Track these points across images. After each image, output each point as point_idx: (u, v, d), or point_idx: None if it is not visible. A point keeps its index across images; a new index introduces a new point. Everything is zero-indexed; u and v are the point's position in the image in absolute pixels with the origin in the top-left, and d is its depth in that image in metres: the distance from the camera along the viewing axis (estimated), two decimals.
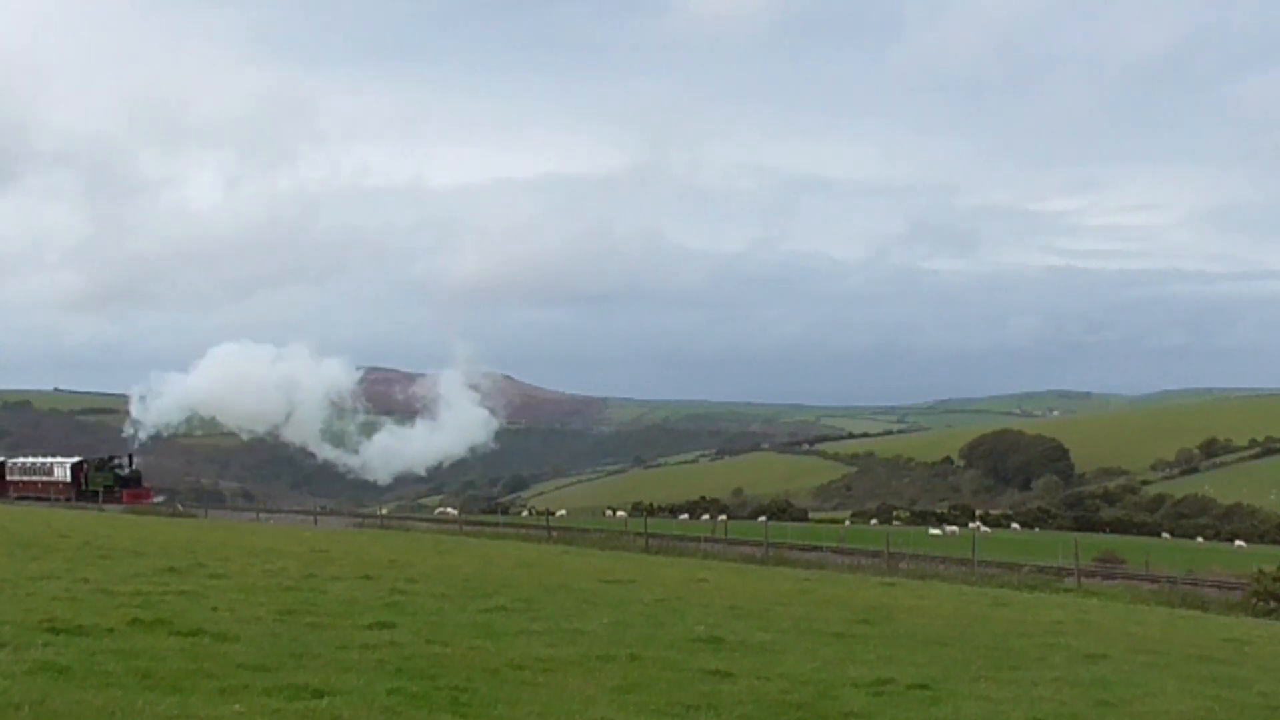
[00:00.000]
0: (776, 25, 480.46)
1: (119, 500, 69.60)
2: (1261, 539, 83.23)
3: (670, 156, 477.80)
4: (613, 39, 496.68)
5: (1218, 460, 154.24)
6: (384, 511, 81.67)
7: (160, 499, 77.80)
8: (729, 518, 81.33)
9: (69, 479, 77.00)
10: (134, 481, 76.65)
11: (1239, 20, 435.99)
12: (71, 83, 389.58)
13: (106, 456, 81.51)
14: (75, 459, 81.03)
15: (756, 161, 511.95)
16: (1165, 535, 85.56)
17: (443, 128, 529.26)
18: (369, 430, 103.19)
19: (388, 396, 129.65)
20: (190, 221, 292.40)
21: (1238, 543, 76.40)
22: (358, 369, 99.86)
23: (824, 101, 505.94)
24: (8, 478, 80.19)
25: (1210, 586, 36.99)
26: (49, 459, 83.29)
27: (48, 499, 71.30)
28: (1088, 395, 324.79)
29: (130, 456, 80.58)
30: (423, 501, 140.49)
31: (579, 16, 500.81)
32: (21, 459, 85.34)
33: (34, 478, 79.16)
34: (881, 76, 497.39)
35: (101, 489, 73.15)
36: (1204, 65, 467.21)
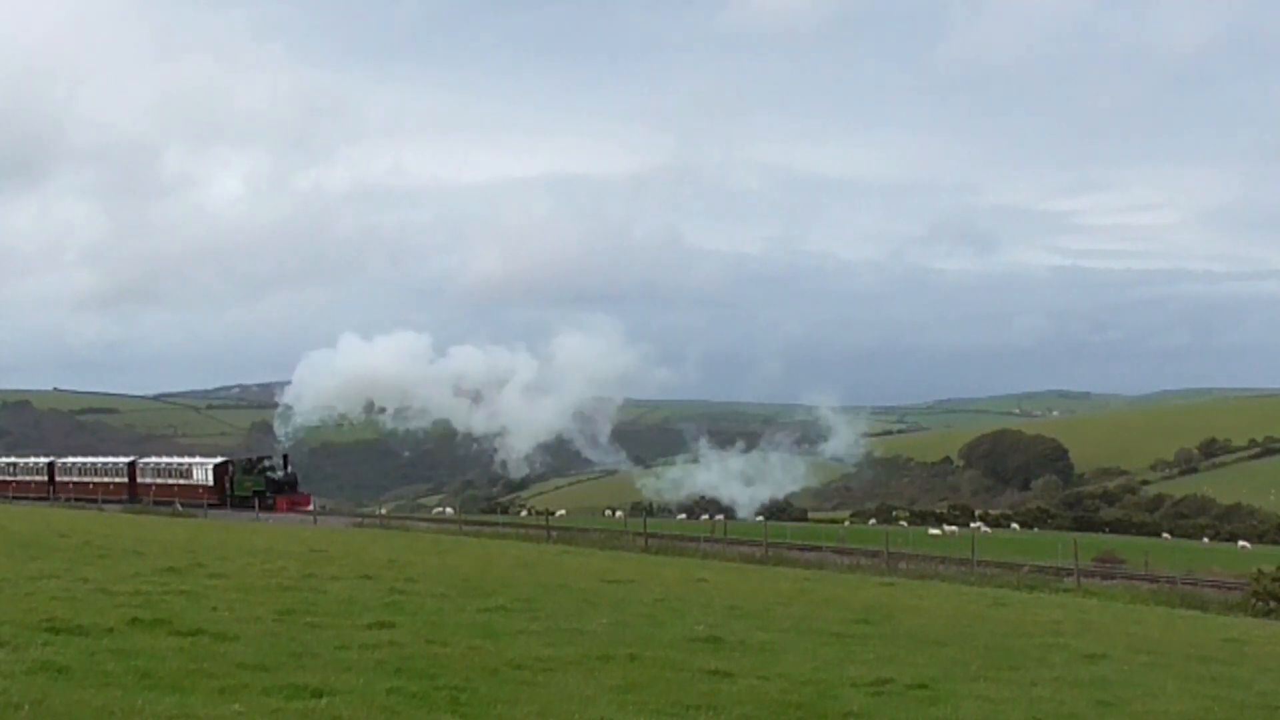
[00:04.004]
0: (828, 23, 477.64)
1: (272, 508, 61.67)
2: (1261, 539, 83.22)
3: (700, 157, 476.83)
4: (663, 35, 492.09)
5: (1217, 460, 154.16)
6: (383, 511, 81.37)
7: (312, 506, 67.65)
8: (728, 518, 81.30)
9: (211, 482, 68.77)
10: (290, 486, 67.31)
11: (1252, 21, 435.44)
12: (105, 80, 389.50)
13: (255, 457, 72.35)
14: (219, 459, 72.86)
15: (784, 163, 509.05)
16: (1165, 535, 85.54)
17: (477, 126, 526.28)
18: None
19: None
20: (211, 221, 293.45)
21: (1241, 543, 76.33)
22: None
23: (858, 102, 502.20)
24: (138, 480, 72.45)
25: (1209, 586, 37.01)
26: (187, 459, 74.96)
27: (185, 504, 62.07)
28: (1087, 395, 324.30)
29: (285, 458, 69.67)
30: (422, 501, 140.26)
31: (633, 11, 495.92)
32: (154, 459, 76.82)
33: (169, 480, 70.68)
34: (919, 77, 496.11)
35: (252, 494, 64.90)
36: (1213, 65, 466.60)
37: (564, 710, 8.48)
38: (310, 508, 65.28)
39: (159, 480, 71.31)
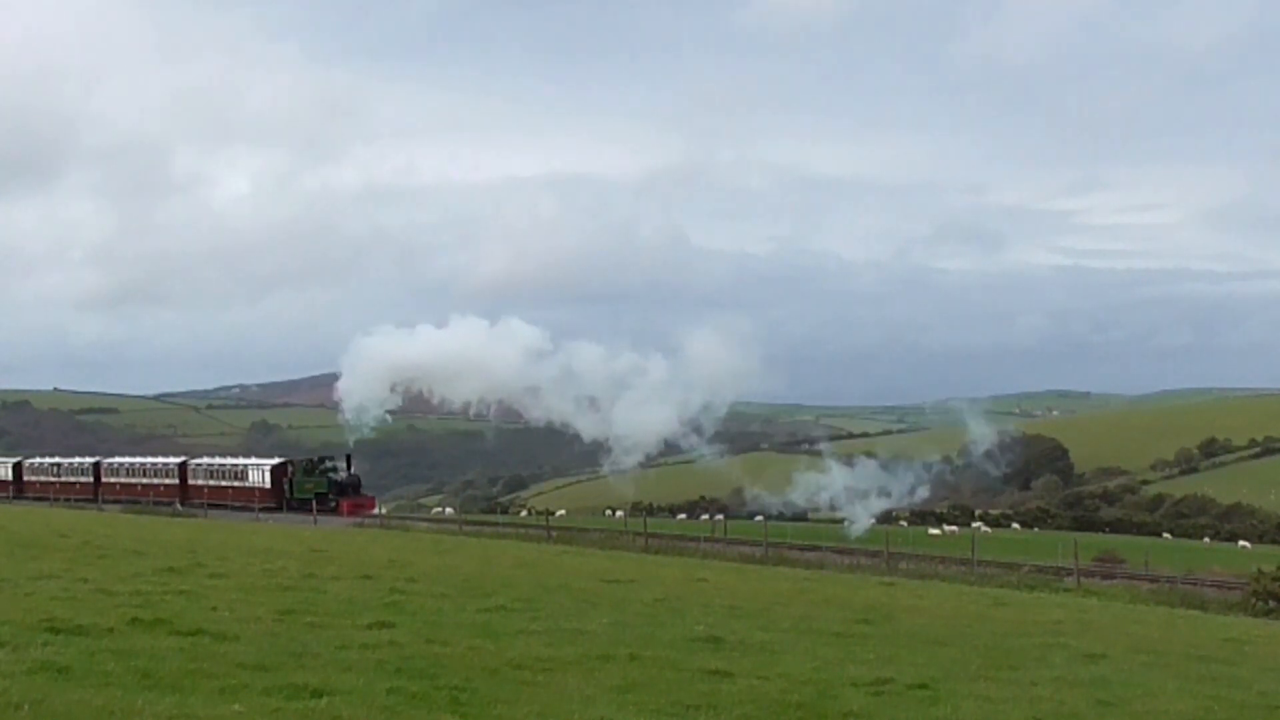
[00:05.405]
0: (843, 22, 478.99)
1: (335, 511, 59.13)
2: (1261, 539, 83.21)
3: (709, 157, 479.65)
4: (675, 35, 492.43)
5: (1217, 460, 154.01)
6: (383, 511, 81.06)
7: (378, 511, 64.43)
8: (728, 517, 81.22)
9: (268, 485, 65.33)
10: (353, 488, 63.65)
11: (1259, 22, 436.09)
12: (116, 80, 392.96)
13: (316, 458, 68.56)
14: (276, 460, 69.29)
15: (793, 163, 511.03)
16: (1165, 535, 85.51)
17: (487, 125, 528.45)
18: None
19: None
20: (219, 220, 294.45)
21: (1241, 543, 76.32)
22: None
23: (869, 101, 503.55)
24: (189, 481, 69.38)
25: (1210, 586, 37.01)
26: (243, 460, 71.85)
27: (241, 508, 59.35)
28: (1087, 395, 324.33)
29: (348, 458, 65.40)
30: (422, 501, 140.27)
31: (647, 10, 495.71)
32: (207, 460, 73.67)
33: (223, 483, 67.59)
34: (930, 77, 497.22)
35: (313, 497, 61.52)
36: (1218, 66, 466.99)
37: (564, 710, 8.48)
38: (376, 510, 63.09)
39: (211, 482, 68.34)
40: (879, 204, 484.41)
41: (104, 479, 73.42)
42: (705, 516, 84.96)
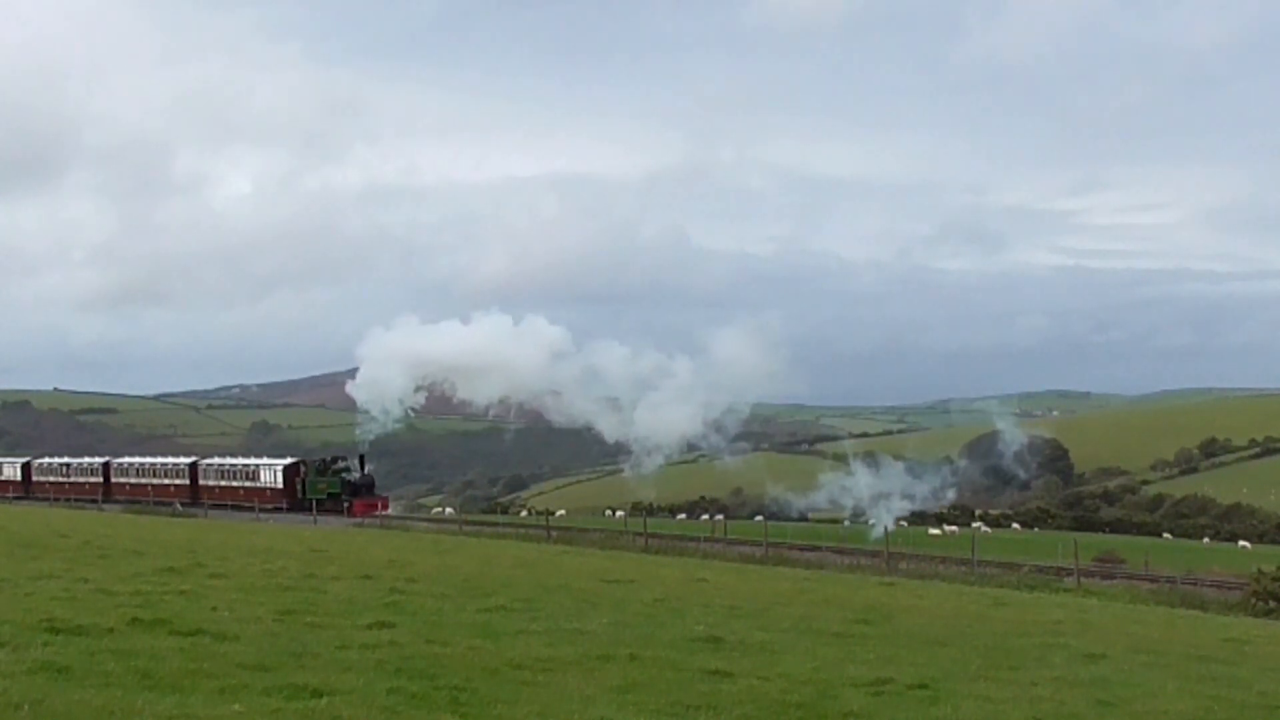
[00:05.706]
0: (848, 22, 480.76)
1: (347, 512, 59.31)
2: (1261, 539, 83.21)
3: (711, 157, 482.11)
4: (679, 34, 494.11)
5: (1217, 460, 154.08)
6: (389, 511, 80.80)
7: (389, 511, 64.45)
8: (728, 518, 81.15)
9: (280, 485, 65.37)
10: (366, 489, 63.54)
11: (1261, 23, 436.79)
12: (119, 80, 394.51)
13: (329, 458, 68.49)
14: (288, 460, 69.11)
15: (795, 163, 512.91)
16: (1165, 535, 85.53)
17: (489, 126, 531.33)
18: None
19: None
20: (221, 220, 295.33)
21: (1241, 543, 76.33)
22: None
23: (871, 102, 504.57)
24: (200, 482, 69.38)
25: (1210, 586, 37.03)
26: (255, 461, 71.56)
27: (251, 509, 58.86)
28: (1087, 395, 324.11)
29: (361, 459, 64.85)
30: (422, 501, 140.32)
31: (650, 10, 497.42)
32: (218, 460, 73.64)
33: (234, 483, 67.45)
34: (933, 78, 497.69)
35: (325, 497, 61.74)
36: (1219, 66, 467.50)
37: (564, 710, 8.48)
38: (388, 511, 62.91)
39: (222, 483, 68.29)
40: (879, 204, 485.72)
41: (113, 479, 73.36)
42: (705, 516, 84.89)
